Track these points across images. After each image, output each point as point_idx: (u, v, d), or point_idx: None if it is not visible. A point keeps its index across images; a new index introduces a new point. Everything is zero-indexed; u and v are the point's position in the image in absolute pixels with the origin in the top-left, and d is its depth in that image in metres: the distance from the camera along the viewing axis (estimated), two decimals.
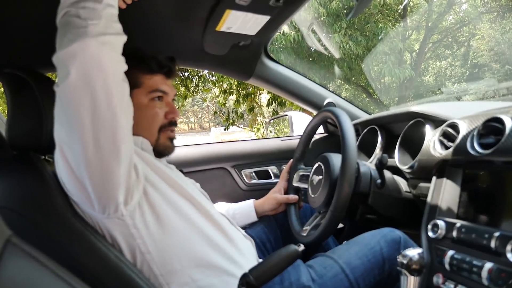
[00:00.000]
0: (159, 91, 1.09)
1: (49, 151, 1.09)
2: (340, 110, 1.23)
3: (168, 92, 1.12)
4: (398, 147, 1.37)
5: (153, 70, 1.08)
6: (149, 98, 1.08)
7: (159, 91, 1.09)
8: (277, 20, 1.28)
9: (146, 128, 1.07)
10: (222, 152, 2.01)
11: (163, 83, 1.10)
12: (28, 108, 1.00)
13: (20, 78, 1.01)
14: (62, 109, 0.80)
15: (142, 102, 1.06)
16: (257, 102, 8.99)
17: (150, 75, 1.08)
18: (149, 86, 1.07)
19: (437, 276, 0.93)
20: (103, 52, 0.77)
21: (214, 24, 1.25)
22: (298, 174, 1.48)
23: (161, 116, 1.09)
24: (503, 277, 0.78)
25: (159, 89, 1.09)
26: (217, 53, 1.55)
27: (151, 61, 1.08)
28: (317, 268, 1.07)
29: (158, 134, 1.09)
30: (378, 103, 10.18)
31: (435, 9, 10.87)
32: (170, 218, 0.95)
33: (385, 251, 1.09)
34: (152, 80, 1.08)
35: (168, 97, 1.12)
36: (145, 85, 1.07)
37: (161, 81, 1.10)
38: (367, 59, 7.86)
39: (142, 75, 1.07)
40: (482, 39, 11.51)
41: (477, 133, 0.96)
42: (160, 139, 1.10)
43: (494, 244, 0.82)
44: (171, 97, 1.14)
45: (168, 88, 1.11)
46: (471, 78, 11.34)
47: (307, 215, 1.47)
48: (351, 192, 1.09)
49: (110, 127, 0.78)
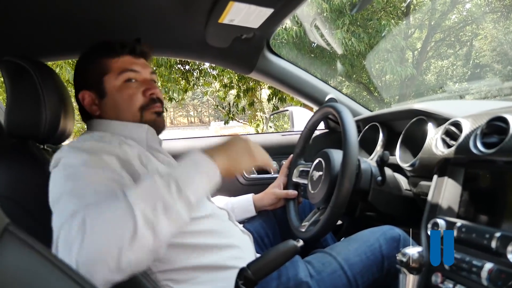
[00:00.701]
0: (128, 70, 1.06)
1: (48, 140, 1.08)
2: (342, 106, 1.22)
3: (139, 70, 1.08)
4: (400, 144, 1.36)
5: (116, 51, 1.07)
6: (121, 80, 1.05)
7: (129, 70, 1.06)
8: (281, 13, 1.26)
9: (126, 109, 1.05)
10: None
11: (132, 63, 1.08)
12: (28, 96, 1.00)
13: (20, 66, 1.00)
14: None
15: (115, 86, 1.05)
16: (257, 97, 8.97)
17: (116, 58, 1.07)
18: (117, 68, 1.06)
19: (435, 275, 0.93)
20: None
21: (217, 16, 1.23)
22: (298, 169, 1.47)
23: (139, 96, 1.06)
24: (503, 278, 0.78)
25: (127, 68, 1.06)
26: (219, 45, 1.54)
27: (114, 44, 1.07)
28: (315, 264, 1.06)
29: (141, 113, 1.06)
30: (379, 100, 10.17)
31: (439, 7, 10.83)
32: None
33: (384, 248, 1.08)
34: (119, 62, 1.06)
35: (142, 74, 1.09)
36: (113, 69, 1.06)
37: (129, 61, 1.08)
38: (369, 56, 7.84)
39: (108, 60, 1.06)
40: (485, 39, 11.48)
41: (481, 132, 0.95)
42: (144, 117, 1.07)
43: (495, 245, 0.81)
44: (147, 75, 1.10)
45: (139, 67, 1.08)
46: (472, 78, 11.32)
47: (306, 211, 1.46)
48: (351, 189, 1.08)
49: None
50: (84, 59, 1.11)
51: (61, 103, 1.07)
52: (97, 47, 1.09)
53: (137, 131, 1.05)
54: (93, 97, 1.07)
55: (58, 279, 0.46)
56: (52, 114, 1.03)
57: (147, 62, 1.14)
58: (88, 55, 1.10)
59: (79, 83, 1.10)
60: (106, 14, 1.23)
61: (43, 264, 0.46)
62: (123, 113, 1.05)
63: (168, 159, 1.10)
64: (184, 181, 0.74)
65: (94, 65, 1.06)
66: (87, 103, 1.07)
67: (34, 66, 1.01)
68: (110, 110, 1.06)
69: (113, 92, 1.05)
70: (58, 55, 1.50)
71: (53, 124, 1.05)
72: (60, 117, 1.07)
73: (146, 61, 1.14)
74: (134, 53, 1.10)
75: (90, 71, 1.07)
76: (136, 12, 1.25)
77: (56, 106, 1.05)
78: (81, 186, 0.75)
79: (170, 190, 0.71)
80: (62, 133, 1.10)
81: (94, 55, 1.08)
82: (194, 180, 0.76)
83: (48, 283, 0.45)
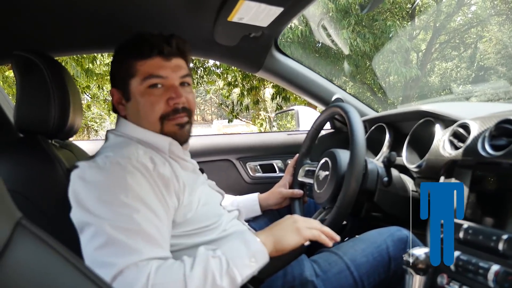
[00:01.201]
0: (153, 76, 0.98)
1: (56, 136, 1.09)
2: (349, 106, 1.22)
3: (167, 75, 0.99)
4: (406, 145, 1.37)
5: (144, 54, 0.99)
6: (144, 86, 0.98)
7: (154, 76, 0.98)
8: (290, 12, 1.27)
9: (145, 117, 1.00)
10: (228, 144, 2.01)
11: (160, 67, 0.99)
12: (38, 91, 1.00)
13: (30, 61, 1.00)
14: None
15: (138, 91, 0.99)
16: (260, 96, 8.97)
17: (143, 61, 0.99)
18: (143, 72, 0.98)
19: (441, 277, 0.93)
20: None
21: (226, 14, 1.24)
22: (303, 169, 1.47)
23: (161, 104, 0.99)
24: (509, 280, 0.78)
25: (153, 74, 0.98)
26: (227, 43, 1.54)
27: (142, 44, 0.99)
28: (321, 264, 1.07)
29: (161, 123, 1.00)
30: (382, 101, 10.15)
31: (444, 9, 10.79)
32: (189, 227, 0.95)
33: (391, 250, 1.08)
34: (146, 65, 0.99)
35: (169, 80, 1.00)
36: (139, 73, 0.99)
37: (157, 64, 0.99)
38: (375, 57, 7.83)
39: (135, 62, 0.99)
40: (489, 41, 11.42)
41: (489, 134, 0.95)
42: (164, 128, 1.01)
43: (502, 247, 0.81)
44: (176, 80, 1.01)
45: (167, 71, 0.99)
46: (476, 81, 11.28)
47: (311, 211, 1.47)
48: (357, 189, 1.09)
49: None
50: (114, 57, 1.07)
51: (70, 99, 1.08)
52: (127, 45, 1.03)
53: (161, 140, 1.00)
54: (120, 97, 1.04)
55: (72, 275, 0.46)
56: (61, 109, 1.03)
57: (181, 62, 1.04)
58: (118, 53, 1.05)
59: (111, 79, 1.08)
60: (114, 11, 1.23)
61: (57, 259, 0.45)
62: (143, 121, 1.01)
63: (193, 166, 1.08)
64: (234, 261, 0.81)
65: (121, 65, 1.02)
66: (115, 101, 1.06)
67: (44, 60, 1.02)
68: (133, 115, 1.03)
69: (137, 97, 1.00)
70: (67, 51, 1.51)
71: (62, 119, 1.05)
72: (69, 113, 1.07)
73: (182, 60, 1.05)
74: (163, 55, 1.00)
75: (118, 71, 1.03)
76: (144, 8, 1.25)
77: (65, 101, 1.05)
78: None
79: (221, 270, 0.78)
80: (70, 128, 1.11)
81: (122, 54, 1.03)
82: (244, 261, 0.82)
83: (61, 279, 0.45)
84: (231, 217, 1.09)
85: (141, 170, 0.86)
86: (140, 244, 0.77)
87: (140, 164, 0.87)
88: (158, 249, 0.80)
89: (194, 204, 0.96)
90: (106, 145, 1.00)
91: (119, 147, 0.93)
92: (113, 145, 0.98)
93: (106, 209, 0.79)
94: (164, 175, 0.90)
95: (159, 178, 0.88)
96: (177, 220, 0.92)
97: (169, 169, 0.94)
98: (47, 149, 1.01)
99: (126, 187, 0.82)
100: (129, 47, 1.01)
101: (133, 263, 0.74)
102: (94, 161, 0.88)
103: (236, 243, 0.85)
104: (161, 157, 0.96)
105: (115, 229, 0.77)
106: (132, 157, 0.88)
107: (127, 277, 0.73)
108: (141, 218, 0.79)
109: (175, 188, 0.91)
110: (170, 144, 1.01)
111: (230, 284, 0.78)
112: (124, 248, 0.76)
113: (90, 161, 0.89)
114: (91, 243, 0.77)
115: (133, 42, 1.01)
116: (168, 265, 0.77)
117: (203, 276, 0.76)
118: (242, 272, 0.80)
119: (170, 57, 1.01)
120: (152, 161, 0.91)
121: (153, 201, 0.84)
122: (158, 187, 0.87)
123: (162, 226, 0.84)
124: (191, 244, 0.94)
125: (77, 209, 0.82)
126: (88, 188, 0.83)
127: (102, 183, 0.83)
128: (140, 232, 0.78)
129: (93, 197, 0.81)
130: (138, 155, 0.90)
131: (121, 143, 0.98)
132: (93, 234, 0.78)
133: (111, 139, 1.02)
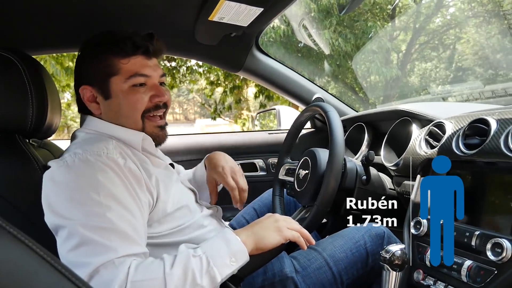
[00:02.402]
0: (138, 75, 0.96)
1: (34, 135, 1.07)
2: (329, 105, 1.24)
3: (151, 74, 0.98)
4: (384, 144, 1.39)
5: (128, 52, 0.96)
6: (129, 84, 0.96)
7: (139, 75, 0.97)
8: (270, 12, 1.27)
9: (129, 115, 0.98)
10: (209, 143, 2.01)
11: (144, 65, 0.98)
12: (15, 90, 0.98)
13: (7, 59, 0.98)
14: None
15: (121, 89, 0.96)
16: (243, 96, 8.97)
17: (127, 59, 0.96)
18: (127, 71, 0.96)
19: (417, 272, 0.95)
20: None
21: (207, 13, 1.24)
22: (284, 167, 1.48)
23: (144, 101, 0.98)
24: (482, 274, 0.81)
25: (138, 73, 0.96)
26: (208, 43, 1.54)
27: (125, 42, 0.96)
28: (301, 260, 1.08)
29: (143, 121, 0.99)
30: (364, 101, 10.26)
31: (423, 11, 10.96)
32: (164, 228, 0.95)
33: (369, 245, 1.10)
34: (130, 64, 0.96)
35: (152, 79, 0.99)
36: (122, 71, 0.96)
37: (141, 63, 0.97)
38: (356, 56, 7.91)
39: (118, 60, 0.96)
40: (467, 43, 11.63)
41: (463, 134, 0.98)
42: (146, 127, 1.00)
43: (475, 243, 0.84)
44: (157, 78, 1.01)
45: (150, 70, 0.98)
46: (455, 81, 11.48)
47: (291, 209, 1.48)
48: (337, 187, 1.10)
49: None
50: (89, 51, 1.00)
51: (48, 97, 1.06)
52: (105, 41, 0.97)
53: (133, 135, 0.99)
54: (95, 94, 0.99)
55: (48, 273, 0.46)
56: (38, 108, 1.01)
57: (158, 62, 1.04)
58: (94, 48, 0.98)
59: (81, 76, 1.01)
60: (92, 9, 1.22)
61: (33, 259, 0.45)
62: (124, 119, 0.99)
63: (165, 163, 1.06)
64: (215, 261, 0.80)
65: (100, 62, 0.97)
66: (88, 100, 0.99)
67: (22, 58, 0.99)
68: (111, 113, 0.99)
69: (119, 95, 0.97)
70: (44, 49, 1.48)
71: (40, 118, 1.03)
72: (47, 112, 1.05)
73: (157, 60, 1.04)
74: (148, 54, 0.99)
75: (96, 68, 0.97)
76: (124, 6, 1.24)
77: (43, 100, 1.03)
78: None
79: (201, 269, 0.78)
80: (49, 127, 1.09)
81: (101, 50, 0.97)
82: (224, 261, 0.82)
83: (37, 278, 0.45)
84: (207, 214, 1.09)
85: (111, 167, 0.85)
86: (114, 242, 0.76)
87: (110, 160, 0.86)
88: (134, 246, 0.79)
89: (170, 202, 0.96)
90: (75, 141, 0.97)
91: (88, 143, 0.91)
92: (82, 141, 0.95)
93: (77, 210, 0.79)
94: (135, 170, 0.89)
95: (130, 174, 0.87)
96: (155, 217, 0.91)
97: (140, 164, 0.93)
98: (25, 148, 0.99)
99: (97, 185, 0.81)
100: (109, 41, 0.97)
101: (109, 261, 0.74)
102: (62, 160, 0.86)
103: (217, 242, 0.84)
104: (131, 152, 0.95)
105: (88, 229, 0.76)
106: (102, 154, 0.87)
107: (104, 275, 0.73)
108: (114, 216, 0.79)
109: (146, 183, 0.90)
110: (143, 140, 1.00)
111: (210, 283, 0.78)
112: (98, 247, 0.75)
113: (59, 160, 0.87)
114: (65, 245, 0.77)
115: (113, 39, 0.97)
116: (147, 263, 0.77)
117: (183, 275, 0.76)
118: (222, 272, 0.80)
119: (151, 56, 1.01)
120: (122, 156, 0.90)
121: (126, 198, 0.83)
122: (130, 183, 0.86)
123: (136, 222, 0.83)
124: (171, 243, 0.94)
125: (49, 214, 0.81)
126: (58, 190, 0.82)
127: (71, 183, 0.82)
128: (114, 230, 0.78)
129: (64, 198, 0.80)
130: (108, 150, 0.88)
131: (91, 139, 0.95)
132: (66, 236, 0.77)
133: (80, 137, 0.99)
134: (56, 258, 0.48)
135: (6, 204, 0.92)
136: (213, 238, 0.86)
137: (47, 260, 0.47)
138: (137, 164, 0.92)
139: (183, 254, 0.80)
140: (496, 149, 0.86)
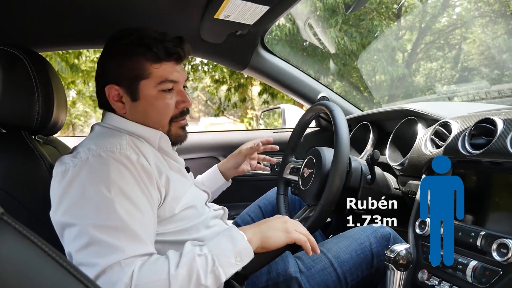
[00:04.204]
0: (168, 81, 0.97)
1: (40, 131, 1.08)
2: (334, 104, 1.23)
3: (179, 80, 1.00)
4: (390, 144, 1.39)
5: (160, 58, 0.96)
6: (158, 89, 0.97)
7: (169, 81, 0.98)
8: (276, 10, 1.27)
9: (156, 120, 1.00)
10: (214, 142, 2.01)
11: (173, 71, 0.98)
12: (21, 86, 0.99)
13: (13, 55, 0.99)
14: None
15: (151, 94, 0.97)
16: (248, 94, 8.97)
17: (158, 64, 0.96)
18: (158, 76, 0.96)
19: (422, 272, 0.95)
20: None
21: (213, 11, 1.24)
22: (289, 166, 1.48)
23: (172, 107, 1.00)
24: (487, 275, 0.80)
25: (168, 79, 0.97)
26: (214, 41, 1.54)
27: (158, 48, 0.95)
28: (305, 260, 1.08)
29: (169, 125, 1.02)
30: (368, 100, 10.23)
31: (429, 10, 10.91)
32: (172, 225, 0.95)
33: (374, 247, 1.10)
34: (161, 69, 0.96)
35: (179, 84, 1.01)
36: (153, 76, 0.96)
37: (171, 69, 0.98)
38: (361, 56, 7.89)
39: (149, 64, 0.96)
40: (473, 43, 11.57)
41: (469, 133, 0.97)
42: (171, 129, 1.03)
43: (480, 243, 0.84)
44: (183, 83, 1.03)
45: (178, 76, 0.99)
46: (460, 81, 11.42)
47: (295, 208, 1.48)
48: (341, 186, 1.10)
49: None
50: (119, 51, 0.97)
51: (54, 94, 1.06)
52: (137, 42, 0.96)
53: (151, 132, 1.00)
54: (121, 94, 0.98)
55: (54, 270, 0.46)
56: (45, 105, 1.02)
57: (183, 66, 1.05)
58: (125, 49, 0.96)
59: (107, 74, 0.99)
60: (100, 7, 1.22)
61: (39, 255, 0.45)
62: (151, 121, 0.99)
63: (179, 166, 1.06)
64: (220, 260, 0.80)
65: (131, 63, 0.96)
66: (113, 99, 0.98)
67: (28, 55, 1.00)
68: (138, 115, 0.99)
69: (148, 99, 0.97)
70: (52, 46, 1.49)
71: (46, 115, 1.04)
72: (53, 108, 1.06)
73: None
74: (179, 60, 1.00)
75: (126, 69, 0.96)
76: (131, 4, 1.24)
77: (49, 97, 1.04)
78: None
79: (206, 269, 0.78)
80: (55, 124, 1.09)
81: (132, 51, 0.96)
82: (229, 260, 0.81)
83: (43, 274, 0.45)
84: (213, 215, 1.09)
85: (124, 163, 0.84)
86: (123, 242, 0.76)
87: (123, 157, 0.85)
88: (142, 246, 0.79)
89: (182, 203, 0.95)
90: (91, 135, 0.98)
91: (101, 138, 0.91)
92: (96, 136, 0.95)
93: (87, 207, 0.79)
94: (147, 167, 0.88)
95: (142, 170, 0.87)
96: (163, 216, 0.91)
97: (153, 161, 0.92)
98: (31, 145, 1.00)
99: (108, 182, 0.80)
100: (143, 48, 0.95)
101: (115, 262, 0.74)
102: (75, 155, 0.86)
103: (223, 241, 0.84)
104: (147, 148, 0.95)
105: (97, 229, 0.76)
106: (115, 150, 0.86)
107: (110, 277, 0.73)
108: (124, 214, 0.79)
109: (156, 180, 0.90)
110: (160, 138, 1.00)
111: (214, 282, 0.78)
112: (106, 248, 0.75)
113: (72, 155, 0.87)
114: (73, 244, 0.77)
115: (145, 42, 0.95)
116: (152, 262, 0.77)
117: (188, 275, 0.76)
118: (227, 271, 0.80)
119: (180, 62, 1.02)
120: (135, 152, 0.89)
121: (137, 195, 0.83)
122: (142, 179, 0.86)
123: (146, 220, 0.83)
124: (175, 241, 0.93)
125: (57, 210, 0.81)
126: (69, 186, 0.82)
127: (83, 178, 0.82)
128: (124, 229, 0.78)
129: (74, 195, 0.80)
130: (121, 146, 0.88)
131: (106, 133, 0.96)
132: (75, 235, 0.77)
133: (96, 130, 0.99)
134: (61, 255, 0.49)
135: (11, 200, 0.92)
136: (219, 236, 0.86)
137: (52, 257, 0.47)
138: (150, 161, 0.91)
139: (188, 254, 0.79)
140: (502, 149, 0.85)
